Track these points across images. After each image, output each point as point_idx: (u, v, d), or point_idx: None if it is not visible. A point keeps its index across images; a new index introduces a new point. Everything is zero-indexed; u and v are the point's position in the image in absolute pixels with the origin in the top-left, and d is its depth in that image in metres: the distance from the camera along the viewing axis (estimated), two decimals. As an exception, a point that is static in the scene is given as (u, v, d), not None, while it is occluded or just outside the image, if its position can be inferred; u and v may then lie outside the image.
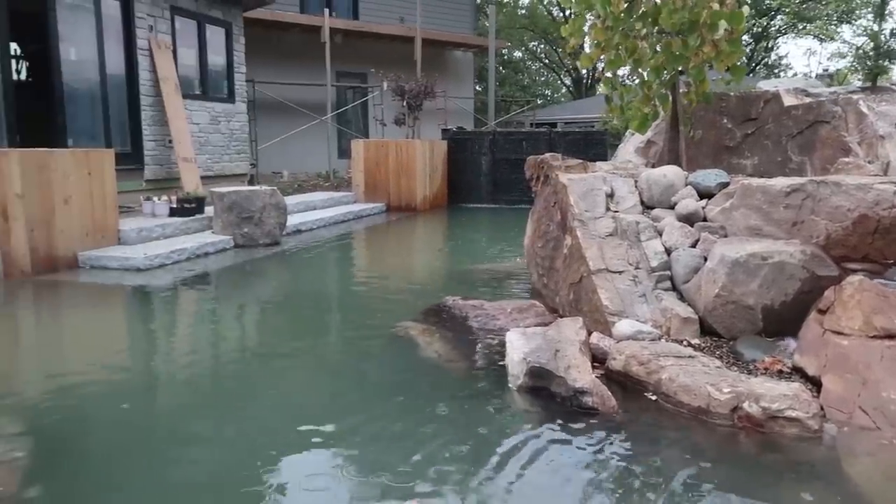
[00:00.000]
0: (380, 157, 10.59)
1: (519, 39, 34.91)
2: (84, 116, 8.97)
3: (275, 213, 6.89)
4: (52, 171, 5.29)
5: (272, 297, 5.25)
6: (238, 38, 11.78)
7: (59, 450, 2.44)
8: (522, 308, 4.04)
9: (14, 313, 4.70)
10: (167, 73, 9.81)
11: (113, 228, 5.94)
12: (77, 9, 8.69)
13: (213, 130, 11.22)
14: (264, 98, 14.33)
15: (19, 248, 5.11)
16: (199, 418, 2.80)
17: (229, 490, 2.19)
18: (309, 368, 3.46)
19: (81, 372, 3.36)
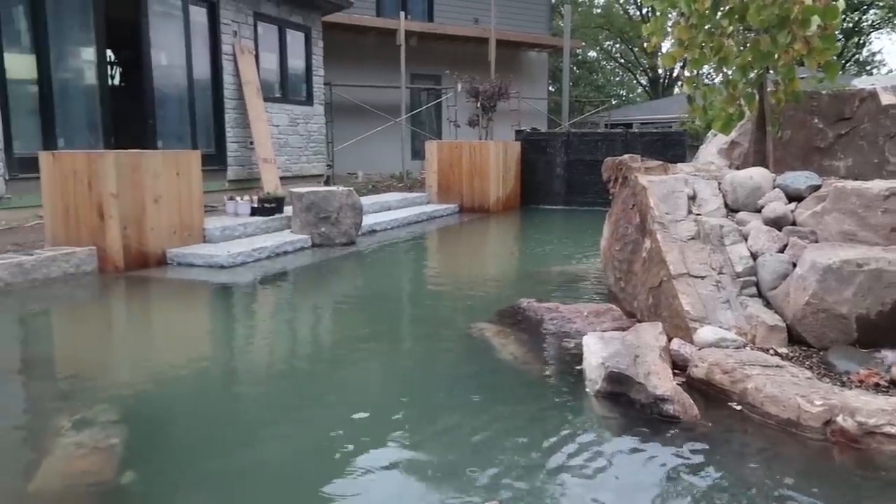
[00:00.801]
0: (453, 158, 10.63)
1: (594, 39, 34.40)
2: (172, 119, 9.37)
3: (351, 214, 7.01)
4: (144, 172, 5.55)
5: (348, 296, 5.34)
6: (317, 41, 12.05)
7: (150, 438, 2.55)
8: (599, 312, 3.97)
9: (108, 306, 4.96)
10: (250, 76, 10.13)
11: (198, 227, 6.17)
12: (167, 16, 9.08)
13: (291, 132, 11.51)
14: (341, 100, 14.60)
15: (113, 245, 5.38)
16: (276, 411, 2.88)
17: (304, 482, 2.24)
18: (383, 367, 3.50)
19: (170, 363, 3.51)
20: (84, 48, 8.04)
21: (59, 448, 2.39)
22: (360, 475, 2.28)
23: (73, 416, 2.63)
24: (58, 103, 7.58)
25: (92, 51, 8.05)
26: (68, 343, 4.14)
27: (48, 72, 7.44)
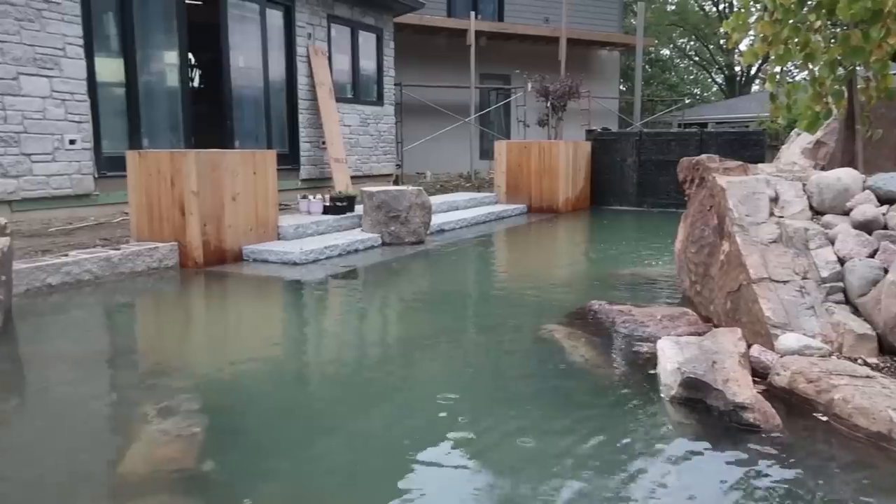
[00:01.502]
0: (522, 158, 10.57)
1: (667, 36, 33.62)
2: (249, 120, 9.66)
3: (420, 213, 7.07)
4: (223, 171, 5.73)
5: (416, 294, 5.38)
6: (388, 42, 12.19)
7: (228, 427, 2.63)
8: (673, 316, 3.88)
9: (189, 300, 5.15)
10: (323, 78, 10.34)
11: (273, 225, 6.34)
12: (245, 20, 9.36)
13: (362, 132, 11.69)
14: (410, 100, 14.73)
15: (193, 241, 5.58)
16: (345, 405, 2.93)
17: (371, 477, 2.26)
18: (451, 366, 3.51)
19: (246, 356, 3.62)
20: (168, 52, 8.37)
21: (146, 434, 2.49)
22: (423, 474, 2.30)
23: (158, 405, 2.73)
24: (143, 105, 7.93)
25: (175, 54, 8.38)
26: (152, 334, 4.33)
27: (135, 75, 7.79)
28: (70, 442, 2.59)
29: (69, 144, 7.02)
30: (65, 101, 6.96)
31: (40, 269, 4.62)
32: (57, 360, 3.52)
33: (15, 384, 3.32)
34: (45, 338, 3.89)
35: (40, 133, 6.75)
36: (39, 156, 6.76)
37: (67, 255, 5.02)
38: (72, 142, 7.04)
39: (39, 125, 6.74)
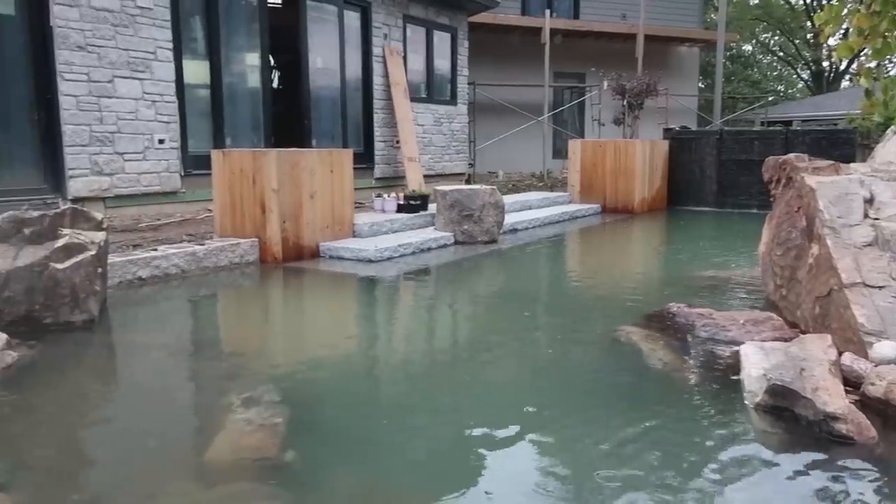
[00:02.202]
0: (597, 158, 10.41)
1: (750, 31, 32.43)
2: (326, 119, 9.87)
3: (493, 212, 7.06)
4: (302, 169, 5.88)
5: (489, 294, 5.38)
6: (462, 42, 12.22)
7: (308, 419, 2.70)
8: (757, 320, 3.74)
9: (269, 294, 5.31)
10: (398, 77, 10.46)
11: (349, 222, 6.46)
12: (324, 21, 9.57)
13: (435, 131, 11.76)
14: (483, 99, 14.74)
15: (273, 237, 5.74)
16: (417, 401, 2.97)
17: (441, 473, 2.27)
18: (523, 366, 3.49)
19: (323, 350, 3.70)
20: (250, 54, 8.65)
21: (230, 423, 2.58)
22: (492, 470, 2.29)
23: (242, 395, 2.83)
24: (226, 105, 8.22)
25: (256, 56, 8.65)
26: (234, 326, 4.48)
27: (219, 77, 8.08)
28: (161, 427, 2.71)
29: (158, 144, 7.34)
30: (155, 103, 7.29)
31: (132, 262, 4.86)
32: (147, 348, 3.69)
33: (111, 370, 3.51)
34: (136, 327, 4.09)
35: (132, 133, 7.09)
36: (131, 154, 7.10)
37: (156, 249, 5.25)
38: (161, 141, 7.37)
39: (132, 125, 7.09)
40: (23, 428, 2.67)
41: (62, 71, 6.48)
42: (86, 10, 6.61)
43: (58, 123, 6.52)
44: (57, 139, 6.55)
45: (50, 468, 2.35)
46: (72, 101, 6.56)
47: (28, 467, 2.30)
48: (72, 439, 2.64)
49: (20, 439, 2.56)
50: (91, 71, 6.70)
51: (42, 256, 3.64)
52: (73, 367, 3.42)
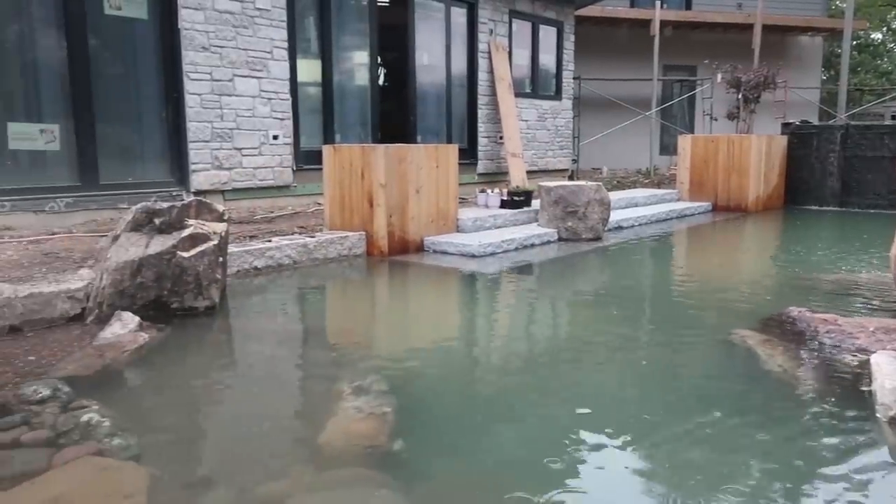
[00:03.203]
0: (708, 154, 10.00)
1: (880, 19, 30.20)
2: (430, 115, 9.99)
3: (599, 209, 6.92)
4: (409, 164, 5.98)
5: (592, 292, 5.28)
6: (568, 36, 12.06)
7: (415, 410, 2.74)
8: (889, 328, 3.48)
9: (375, 286, 5.44)
10: (502, 73, 10.44)
11: (453, 217, 6.51)
12: (431, 19, 9.68)
13: (539, 127, 11.67)
14: (588, 94, 14.47)
15: (379, 231, 5.88)
16: (519, 396, 2.95)
17: (541, 469, 2.25)
18: (627, 367, 3.39)
19: (428, 342, 3.76)
20: (359, 52, 8.87)
21: (341, 410, 2.66)
22: (591, 472, 2.25)
23: (351, 384, 2.91)
24: (336, 102, 8.48)
25: (366, 54, 8.87)
26: (343, 317, 4.63)
27: (330, 74, 8.34)
28: (276, 410, 2.84)
29: (273, 140, 7.67)
30: (270, 100, 7.61)
31: (248, 252, 5.10)
32: (262, 334, 3.87)
33: (230, 354, 3.70)
34: (252, 314, 4.30)
35: (250, 129, 7.44)
36: (248, 150, 7.46)
37: (270, 240, 5.49)
38: (275, 137, 7.69)
39: (249, 122, 7.43)
40: (153, 404, 2.87)
41: (188, 71, 6.88)
42: (210, 12, 6.99)
43: (183, 120, 6.93)
44: (182, 135, 6.96)
45: (177, 443, 2.51)
46: (196, 99, 6.96)
47: (158, 441, 2.46)
48: (196, 417, 2.81)
49: (151, 414, 2.74)
50: (213, 70, 7.08)
51: (170, 245, 3.88)
52: (197, 350, 3.64)
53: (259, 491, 2.11)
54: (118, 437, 2.37)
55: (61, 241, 5.32)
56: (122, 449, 2.30)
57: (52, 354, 3.21)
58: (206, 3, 6.95)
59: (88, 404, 2.60)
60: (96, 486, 2.09)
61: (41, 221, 5.99)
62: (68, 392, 2.72)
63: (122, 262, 3.78)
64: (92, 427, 2.43)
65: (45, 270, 4.20)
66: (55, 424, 2.45)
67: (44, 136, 6.14)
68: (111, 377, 3.02)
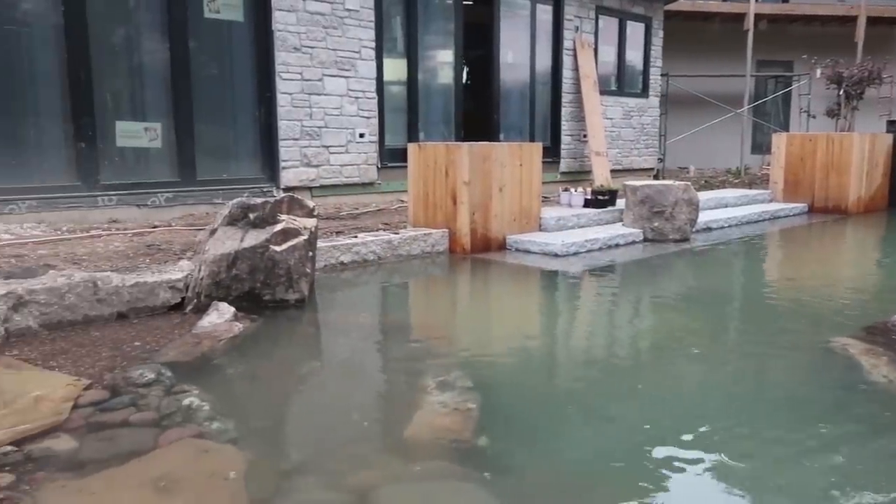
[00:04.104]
0: (805, 153, 9.55)
1: None
2: (514, 113, 9.97)
3: (686, 209, 6.73)
4: (492, 162, 5.98)
5: (679, 294, 5.14)
6: (657, 32, 11.78)
7: (499, 406, 2.75)
8: None
9: (457, 283, 5.48)
10: (588, 70, 10.30)
11: (535, 216, 6.48)
12: (516, 17, 9.66)
13: (624, 125, 11.45)
14: (676, 91, 14.09)
15: (462, 229, 5.91)
16: (599, 397, 2.91)
17: (619, 471, 2.21)
18: (714, 374, 3.28)
19: (510, 340, 3.76)
20: (444, 51, 8.95)
21: (427, 404, 2.70)
22: (669, 480, 2.18)
23: (436, 378, 2.95)
24: (421, 101, 8.58)
25: (451, 53, 8.93)
26: (427, 312, 4.69)
27: (415, 73, 8.45)
28: (363, 401, 2.92)
29: (359, 138, 7.84)
30: (357, 99, 7.78)
31: (335, 247, 5.23)
32: (349, 328, 3.97)
33: (318, 346, 3.82)
34: (339, 308, 4.42)
35: (337, 128, 7.63)
36: (335, 148, 7.65)
37: (356, 236, 5.61)
38: (361, 135, 7.86)
39: (337, 120, 7.62)
40: (247, 391, 2.99)
41: (280, 71, 7.12)
42: (302, 14, 7.21)
43: (274, 119, 7.18)
44: (273, 134, 7.21)
45: (270, 429, 2.61)
46: (287, 98, 7.19)
47: (253, 427, 2.56)
48: (287, 405, 2.91)
49: (246, 401, 2.86)
50: (304, 70, 7.29)
51: (263, 239, 4.03)
52: (287, 341, 3.77)
53: (349, 480, 2.16)
54: (217, 421, 2.48)
55: (162, 233, 5.62)
56: (221, 433, 2.41)
57: (155, 341, 3.39)
58: (298, 4, 7.17)
59: (189, 389, 2.74)
60: (197, 467, 2.20)
61: (143, 215, 6.34)
62: (171, 377, 2.87)
63: (218, 254, 3.95)
64: (192, 411, 2.55)
65: (148, 261, 4.45)
66: (159, 407, 2.59)
67: (147, 134, 6.49)
68: (209, 364, 3.17)
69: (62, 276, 3.61)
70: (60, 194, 5.97)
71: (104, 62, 6.20)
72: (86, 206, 6.09)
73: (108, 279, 3.70)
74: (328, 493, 2.10)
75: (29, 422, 2.40)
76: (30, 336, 3.35)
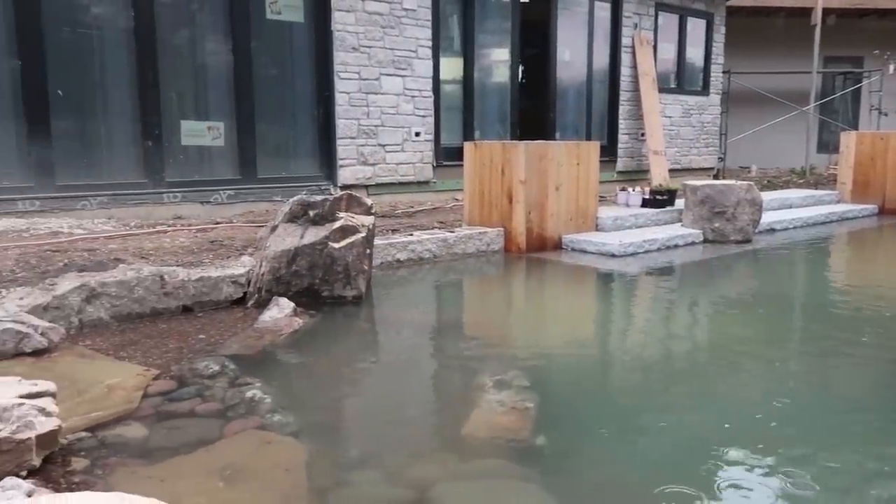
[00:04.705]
0: (876, 152, 9.18)
1: None
2: (570, 112, 9.88)
3: (749, 210, 6.55)
4: (549, 161, 5.94)
5: (739, 298, 5.00)
6: (718, 28, 11.51)
7: (558, 407, 2.73)
8: None
9: (513, 282, 5.47)
10: (646, 68, 10.13)
11: (592, 215, 6.40)
12: (573, 14, 9.56)
13: (684, 123, 11.23)
14: (738, 89, 13.72)
15: (518, 228, 5.89)
16: (658, 399, 2.86)
17: (681, 475, 2.16)
18: (779, 381, 3.17)
19: (566, 340, 3.73)
20: (500, 49, 8.92)
21: (484, 403, 2.70)
22: (741, 495, 2.12)
23: (493, 377, 2.94)
24: (477, 99, 8.58)
25: (507, 52, 8.90)
26: (482, 311, 4.68)
27: (471, 72, 8.46)
28: (419, 398, 2.94)
29: (415, 136, 7.89)
30: (413, 98, 7.83)
31: (392, 245, 5.28)
32: (405, 325, 4.01)
33: (375, 342, 3.87)
34: (396, 305, 4.46)
35: (393, 126, 7.70)
36: (391, 146, 7.71)
37: (412, 234, 5.65)
38: (417, 134, 7.90)
39: (393, 119, 7.69)
40: (307, 385, 3.05)
41: (338, 70, 7.22)
42: (360, 14, 7.29)
43: (332, 118, 7.28)
44: (331, 132, 7.31)
45: (329, 423, 2.66)
46: (345, 97, 7.29)
47: (312, 420, 2.61)
48: (346, 400, 2.96)
49: (306, 395, 2.92)
50: (362, 70, 7.38)
51: (322, 236, 4.09)
52: (345, 337, 3.82)
53: (407, 475, 2.18)
54: (278, 413, 2.54)
55: (224, 230, 5.76)
56: (282, 425, 2.46)
57: (218, 334, 3.48)
58: (356, 5, 7.25)
59: (252, 381, 2.81)
60: (260, 458, 2.25)
61: (206, 211, 6.51)
62: (234, 369, 2.94)
63: (279, 250, 4.03)
64: (255, 403, 2.61)
65: (211, 257, 4.57)
66: (224, 398, 2.66)
67: (210, 132, 6.67)
68: (270, 358, 3.23)
69: (131, 270, 3.74)
70: (129, 191, 6.19)
71: (170, 63, 6.40)
72: (152, 202, 6.29)
73: (174, 273, 3.82)
74: (387, 487, 2.12)
75: (102, 409, 2.50)
76: (101, 327, 3.48)
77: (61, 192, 5.87)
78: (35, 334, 2.99)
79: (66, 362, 2.95)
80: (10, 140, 5.68)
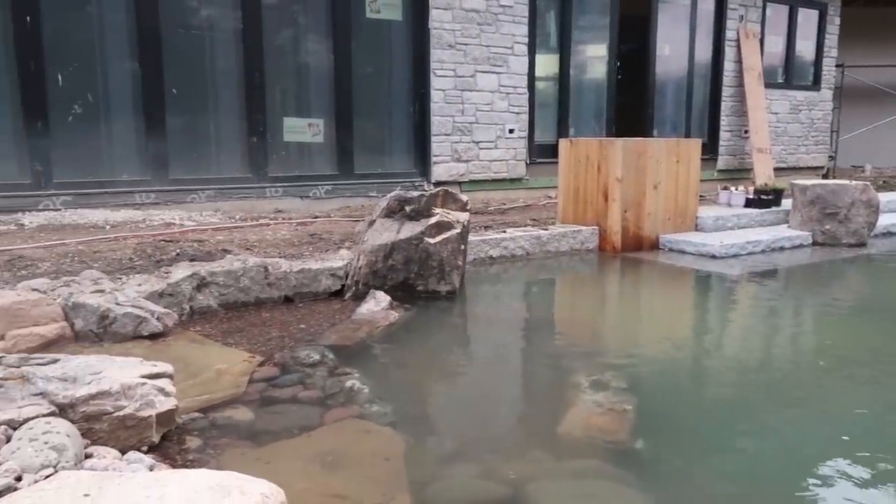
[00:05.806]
0: None
1: None
2: (669, 108, 9.59)
3: (864, 211, 6.17)
4: (647, 158, 5.79)
5: (850, 304, 4.71)
6: (832, 19, 10.88)
7: (656, 410, 2.67)
8: None
9: (607, 282, 5.37)
10: (752, 62, 9.70)
11: (692, 215, 6.19)
12: (675, 7, 9.27)
13: (791, 120, 10.69)
14: (853, 83, 12.90)
15: (613, 226, 5.77)
16: (758, 406, 2.75)
17: (779, 486, 2.05)
18: (888, 396, 2.97)
19: (665, 343, 3.62)
20: (598, 45, 8.75)
21: (581, 403, 2.67)
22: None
23: (589, 377, 2.90)
24: (572, 96, 8.46)
25: (604, 47, 8.73)
26: (575, 310, 4.63)
27: (567, 68, 8.35)
28: (514, 394, 2.94)
29: (509, 133, 7.86)
30: (508, 95, 7.81)
31: (485, 242, 5.29)
32: (499, 321, 4.02)
33: (468, 338, 3.89)
34: (490, 301, 4.48)
35: (487, 123, 7.70)
36: (485, 143, 7.72)
37: (505, 231, 5.64)
38: (511, 131, 7.88)
39: (487, 116, 7.69)
40: (403, 377, 3.10)
41: (435, 68, 7.29)
42: (457, 11, 7.33)
43: (428, 115, 7.36)
44: (426, 129, 7.40)
45: (426, 415, 2.70)
46: (440, 94, 7.35)
47: (409, 412, 2.65)
48: (442, 394, 2.99)
49: (402, 386, 2.97)
50: (457, 67, 7.42)
51: (418, 231, 4.15)
52: (439, 331, 3.86)
53: (503, 471, 2.18)
54: (376, 404, 2.59)
55: (322, 223, 5.94)
56: (380, 415, 2.51)
57: (317, 324, 3.60)
58: (454, 2, 7.30)
59: (350, 371, 2.89)
60: (360, 446, 2.31)
61: (305, 206, 6.73)
62: (333, 359, 3.03)
63: (376, 245, 4.12)
64: (354, 392, 2.68)
65: (311, 249, 4.72)
66: (324, 387, 2.75)
67: (311, 129, 6.88)
68: (368, 349, 3.31)
69: (238, 261, 3.91)
70: (234, 185, 6.48)
71: (274, 63, 6.64)
72: (255, 196, 6.56)
73: (277, 265, 3.97)
74: (484, 482, 2.13)
75: (212, 392, 2.63)
76: (210, 314, 3.66)
77: (174, 185, 6.21)
78: (152, 319, 3.18)
79: (180, 346, 3.12)
80: (130, 137, 6.05)
